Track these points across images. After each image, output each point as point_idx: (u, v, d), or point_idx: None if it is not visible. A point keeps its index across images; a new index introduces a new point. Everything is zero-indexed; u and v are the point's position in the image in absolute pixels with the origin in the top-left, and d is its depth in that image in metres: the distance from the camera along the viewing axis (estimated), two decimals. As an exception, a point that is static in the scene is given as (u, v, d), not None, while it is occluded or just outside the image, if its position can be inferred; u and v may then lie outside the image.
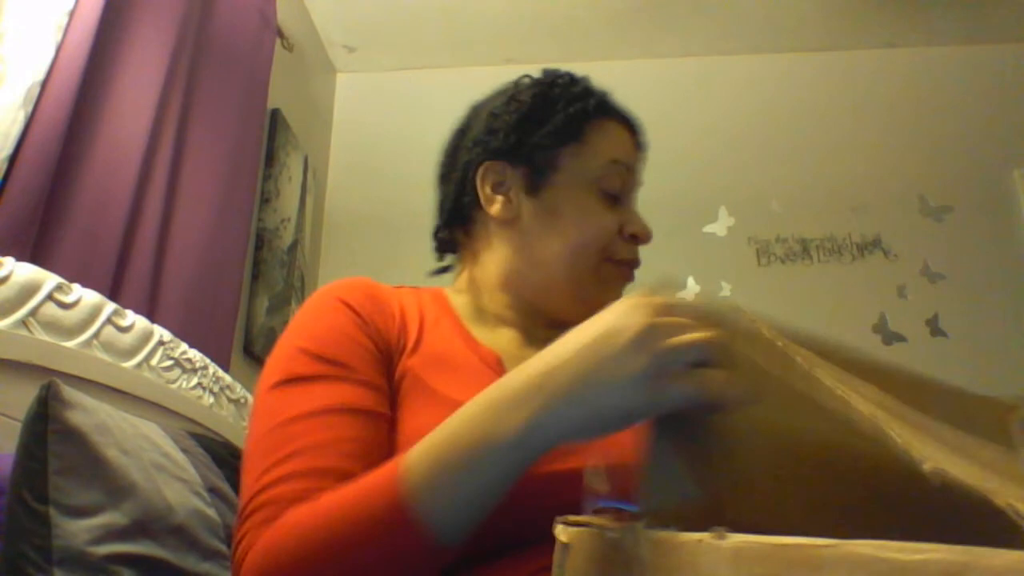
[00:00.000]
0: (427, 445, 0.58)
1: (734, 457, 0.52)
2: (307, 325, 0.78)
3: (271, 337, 2.25)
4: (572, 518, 0.50)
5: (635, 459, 0.52)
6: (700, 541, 0.42)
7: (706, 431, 0.52)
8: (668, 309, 0.52)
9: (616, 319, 0.53)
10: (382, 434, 0.70)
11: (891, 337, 2.52)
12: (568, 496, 0.56)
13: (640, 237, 0.88)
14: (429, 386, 0.74)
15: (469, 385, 0.65)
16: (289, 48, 2.41)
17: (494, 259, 0.89)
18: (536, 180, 0.87)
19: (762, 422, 0.52)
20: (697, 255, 2.63)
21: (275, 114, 2.36)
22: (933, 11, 2.68)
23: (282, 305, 2.34)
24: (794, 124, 2.77)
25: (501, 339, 0.86)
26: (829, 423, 0.50)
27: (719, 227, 2.68)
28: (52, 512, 0.76)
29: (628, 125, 0.92)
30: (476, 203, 0.90)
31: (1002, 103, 2.73)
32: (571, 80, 0.92)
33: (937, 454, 0.43)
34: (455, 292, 0.92)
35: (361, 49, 2.88)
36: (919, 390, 0.58)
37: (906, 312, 2.54)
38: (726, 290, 2.59)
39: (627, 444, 0.54)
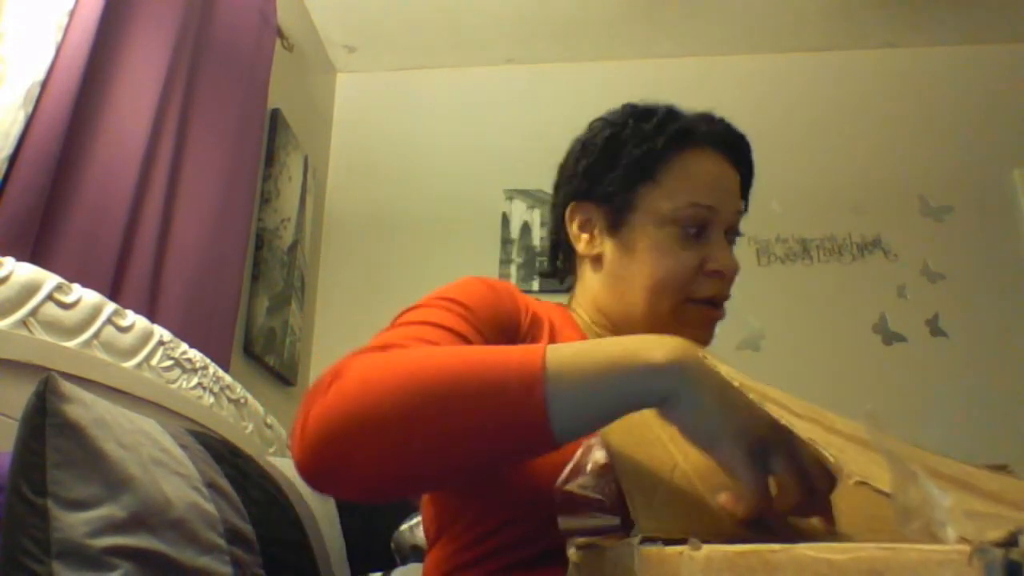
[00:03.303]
0: (573, 346, 0.60)
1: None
2: (445, 288, 0.81)
3: (271, 337, 2.25)
4: (581, 540, 0.54)
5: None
6: (681, 553, 0.47)
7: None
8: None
9: None
10: None
11: (891, 337, 2.52)
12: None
13: (723, 273, 0.88)
14: None
15: None
16: (289, 48, 2.42)
17: (586, 293, 0.95)
18: (616, 219, 0.90)
19: None
20: (697, 255, 2.63)
21: (275, 114, 2.36)
22: (933, 11, 2.68)
23: (282, 305, 2.34)
24: (794, 124, 2.77)
25: None
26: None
27: (719, 227, 2.68)
28: (50, 505, 0.77)
29: (718, 147, 0.91)
30: (568, 239, 0.95)
31: (1002, 103, 2.73)
32: (646, 115, 0.92)
33: (864, 465, 0.48)
34: (577, 309, 0.96)
35: (361, 49, 2.88)
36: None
37: (906, 312, 2.54)
38: (726, 290, 2.59)
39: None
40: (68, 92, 1.32)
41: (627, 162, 0.90)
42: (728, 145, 0.93)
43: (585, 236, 0.93)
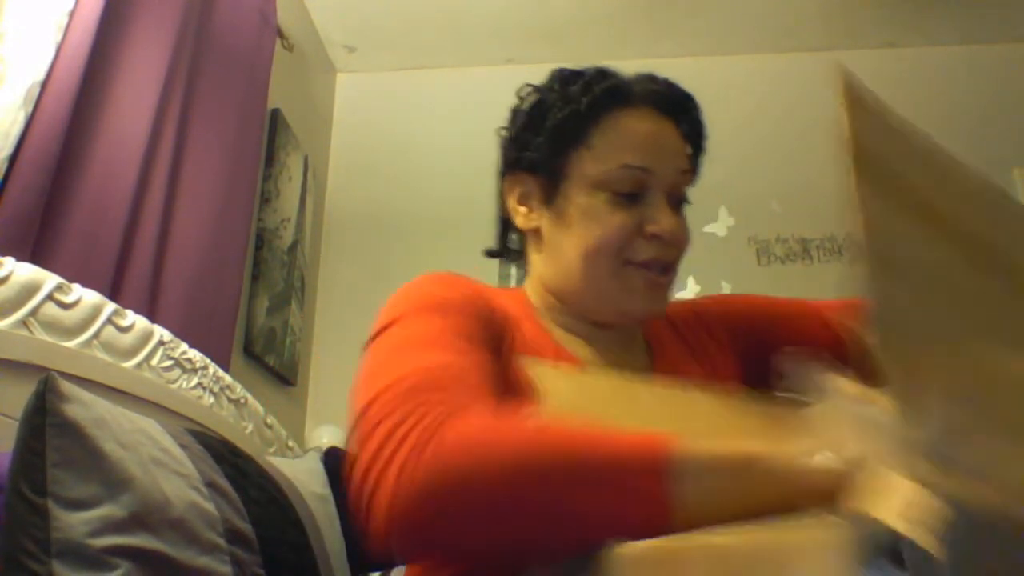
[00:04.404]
0: (704, 444, 0.55)
1: None
2: (410, 293, 0.78)
3: (271, 337, 2.25)
4: None
5: None
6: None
7: None
8: None
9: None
10: (494, 368, 0.71)
11: (891, 337, 2.52)
12: None
13: (663, 236, 0.81)
14: (523, 389, 0.74)
15: None
16: (289, 48, 2.42)
17: (533, 273, 0.91)
18: (550, 189, 0.85)
19: None
20: (697, 255, 2.61)
21: (275, 114, 2.36)
22: (933, 11, 2.68)
23: (282, 305, 2.34)
24: (794, 124, 2.77)
25: (577, 347, 0.86)
26: None
27: (719, 227, 2.68)
28: (50, 504, 0.77)
29: (654, 106, 0.85)
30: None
31: (1002, 103, 2.73)
32: (573, 77, 0.86)
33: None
34: (530, 293, 0.91)
35: (361, 49, 2.88)
36: None
37: (906, 312, 2.54)
38: (726, 290, 2.59)
39: None
40: (68, 92, 1.32)
41: (552, 127, 0.84)
42: (668, 104, 0.86)
43: (523, 210, 0.88)
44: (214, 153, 1.82)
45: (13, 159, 1.23)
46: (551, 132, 0.84)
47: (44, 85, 1.29)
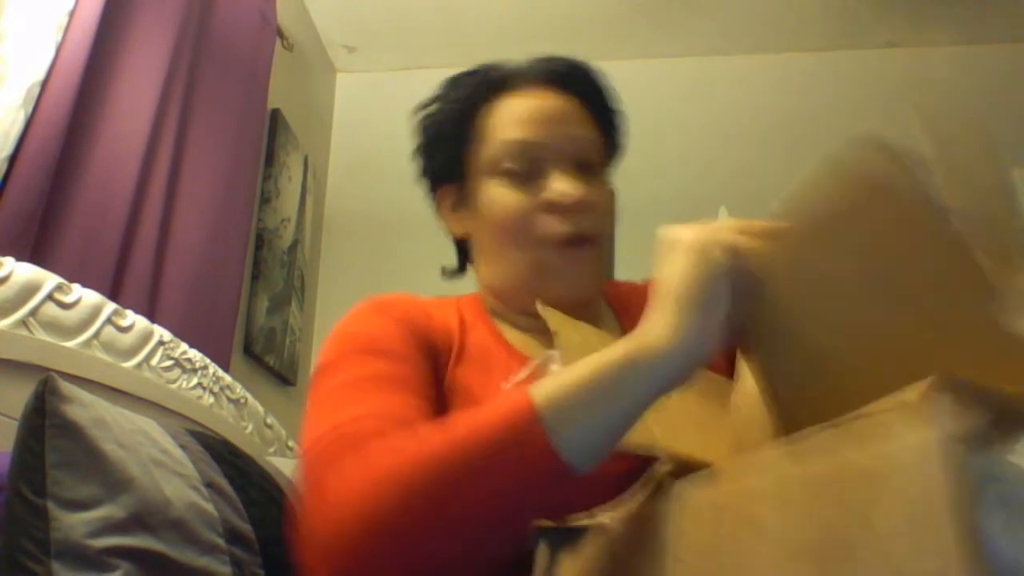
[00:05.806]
0: (557, 379, 0.56)
1: None
2: (351, 329, 0.80)
3: (271, 337, 2.25)
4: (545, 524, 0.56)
5: None
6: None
7: None
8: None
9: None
10: (435, 407, 0.72)
11: (891, 337, 2.51)
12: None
13: (561, 202, 0.79)
14: (475, 395, 0.75)
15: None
16: (289, 48, 2.42)
17: (477, 273, 0.92)
18: (463, 190, 0.88)
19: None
20: (697, 255, 2.62)
21: (275, 114, 2.36)
22: (933, 11, 2.68)
23: (282, 305, 2.34)
24: (794, 124, 2.77)
25: (529, 347, 0.85)
26: None
27: (719, 227, 2.68)
28: (50, 505, 0.77)
29: (540, 83, 0.85)
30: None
31: (1002, 103, 2.72)
32: (455, 80, 0.90)
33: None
34: (481, 299, 0.92)
35: (361, 49, 2.88)
36: None
37: (906, 312, 2.53)
38: (726, 290, 2.59)
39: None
40: (68, 92, 1.32)
41: (446, 130, 0.88)
42: (555, 77, 0.86)
43: (455, 218, 0.90)
44: (214, 153, 1.82)
45: (13, 159, 1.23)
46: (443, 136, 0.88)
47: (44, 85, 1.29)
